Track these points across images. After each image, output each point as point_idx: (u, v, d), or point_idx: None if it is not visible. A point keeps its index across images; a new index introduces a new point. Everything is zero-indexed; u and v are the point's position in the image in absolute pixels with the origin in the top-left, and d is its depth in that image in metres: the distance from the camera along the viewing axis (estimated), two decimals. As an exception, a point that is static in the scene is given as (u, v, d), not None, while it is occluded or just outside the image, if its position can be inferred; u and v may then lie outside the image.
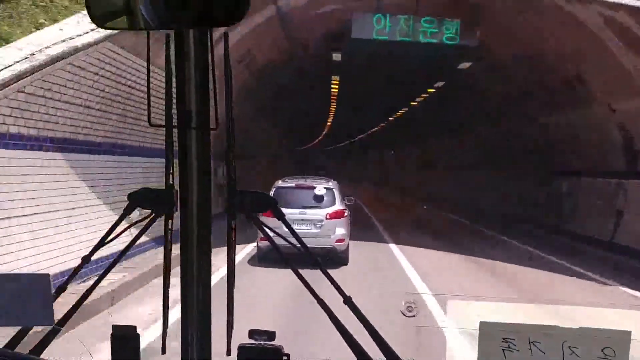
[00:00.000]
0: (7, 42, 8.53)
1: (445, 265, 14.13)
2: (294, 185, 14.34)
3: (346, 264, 13.21)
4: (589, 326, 1.32)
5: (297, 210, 12.97)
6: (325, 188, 13.97)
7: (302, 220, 13.00)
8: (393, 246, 16.66)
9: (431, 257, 15.27)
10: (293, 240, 1.76)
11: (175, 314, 1.65)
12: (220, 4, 1.42)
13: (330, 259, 12.61)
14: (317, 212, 13.36)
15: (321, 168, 59.23)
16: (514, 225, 22.15)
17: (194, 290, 1.63)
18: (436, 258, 15.16)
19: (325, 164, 66.14)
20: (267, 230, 1.75)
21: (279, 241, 1.78)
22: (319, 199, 13.66)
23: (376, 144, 66.55)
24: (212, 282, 1.66)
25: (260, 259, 12.76)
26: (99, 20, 1.49)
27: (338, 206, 13.58)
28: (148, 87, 1.68)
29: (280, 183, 14.62)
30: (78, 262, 1.76)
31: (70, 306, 1.71)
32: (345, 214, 13.67)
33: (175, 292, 1.66)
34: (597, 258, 15.33)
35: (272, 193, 13.33)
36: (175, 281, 1.65)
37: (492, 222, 23.14)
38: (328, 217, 13.25)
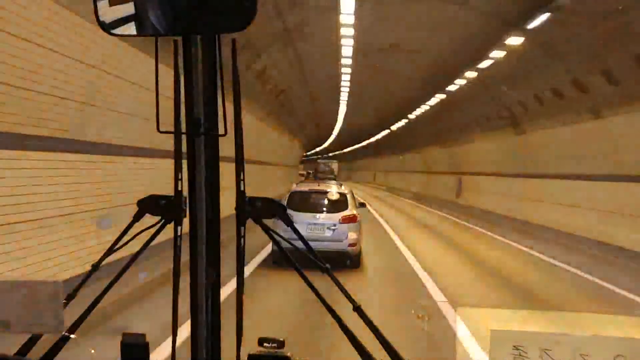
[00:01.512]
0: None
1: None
2: (308, 189, 14.68)
3: (357, 267, 13.38)
4: (601, 333, 1.31)
5: (311, 214, 13.39)
6: (338, 193, 14.27)
7: (316, 224, 13.29)
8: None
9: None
10: (302, 246, 1.76)
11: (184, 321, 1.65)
12: (228, 10, 1.42)
13: (342, 262, 12.84)
14: (330, 216, 13.59)
15: (329, 173, 58.26)
16: None
17: (204, 297, 1.63)
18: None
19: (334, 169, 64.84)
20: (275, 236, 1.75)
21: (288, 246, 1.78)
22: (332, 203, 13.94)
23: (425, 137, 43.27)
24: (222, 289, 1.66)
25: (275, 262, 12.79)
26: (107, 26, 1.50)
27: (351, 211, 13.77)
28: (157, 93, 1.68)
29: (295, 188, 15.01)
30: None
31: (81, 313, 1.72)
32: (358, 218, 13.86)
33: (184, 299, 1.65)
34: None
35: (287, 197, 13.90)
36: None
37: None
38: (341, 221, 13.43)
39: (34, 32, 8.17)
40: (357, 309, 1.70)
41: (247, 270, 10.09)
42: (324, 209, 13.84)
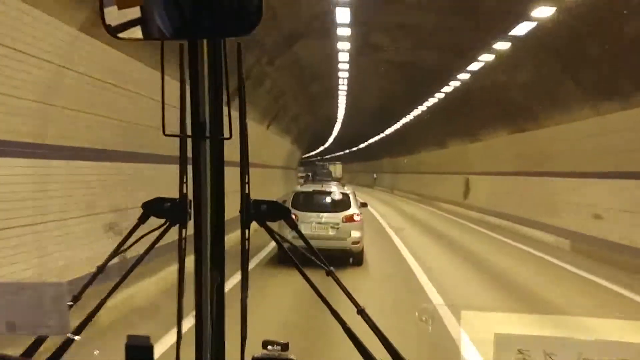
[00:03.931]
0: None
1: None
2: (312, 190, 15.14)
3: (361, 265, 13.72)
4: (605, 337, 1.31)
5: (315, 214, 13.83)
6: (341, 193, 14.71)
7: (320, 223, 13.71)
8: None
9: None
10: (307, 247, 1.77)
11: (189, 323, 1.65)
12: (233, 14, 1.43)
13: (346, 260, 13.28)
14: (334, 215, 13.95)
15: (328, 175, 55.72)
16: None
17: (208, 299, 1.64)
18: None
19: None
20: (279, 238, 1.76)
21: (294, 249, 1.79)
22: (335, 203, 14.33)
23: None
24: (226, 291, 1.67)
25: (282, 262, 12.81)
26: (113, 30, 1.50)
27: (353, 210, 14.14)
28: (162, 97, 1.69)
29: (299, 188, 15.71)
30: None
31: (86, 315, 1.72)
32: (361, 217, 14.23)
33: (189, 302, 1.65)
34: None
35: (291, 198, 14.39)
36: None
37: None
38: (344, 220, 13.84)
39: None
40: (361, 311, 1.70)
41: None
42: (328, 208, 14.24)
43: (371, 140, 57.07)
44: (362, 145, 65.11)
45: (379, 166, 65.12)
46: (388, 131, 46.55)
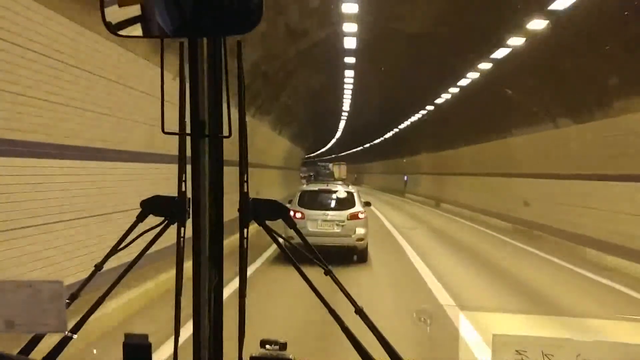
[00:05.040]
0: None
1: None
2: (317, 189, 15.63)
3: (365, 261, 14.12)
4: (603, 338, 1.31)
5: (320, 212, 14.32)
6: (345, 191, 15.24)
7: (325, 221, 14.15)
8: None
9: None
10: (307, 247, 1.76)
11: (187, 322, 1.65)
12: (234, 12, 1.43)
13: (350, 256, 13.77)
14: (338, 213, 14.41)
15: (330, 176, 55.01)
16: None
17: (206, 298, 1.63)
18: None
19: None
20: (278, 237, 1.76)
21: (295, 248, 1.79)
22: (340, 201, 14.85)
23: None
24: (224, 290, 1.66)
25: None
26: (113, 27, 1.50)
27: (358, 208, 14.58)
28: (162, 94, 1.69)
29: (305, 187, 16.35)
30: None
31: (83, 313, 1.72)
32: (365, 215, 14.64)
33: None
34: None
35: (297, 196, 14.91)
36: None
37: None
38: (349, 217, 14.26)
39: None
40: (359, 311, 1.70)
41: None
42: (333, 206, 14.72)
43: (401, 126, 39.91)
44: (387, 135, 48.69)
45: (412, 165, 46.01)
46: (429, 107, 28.77)
